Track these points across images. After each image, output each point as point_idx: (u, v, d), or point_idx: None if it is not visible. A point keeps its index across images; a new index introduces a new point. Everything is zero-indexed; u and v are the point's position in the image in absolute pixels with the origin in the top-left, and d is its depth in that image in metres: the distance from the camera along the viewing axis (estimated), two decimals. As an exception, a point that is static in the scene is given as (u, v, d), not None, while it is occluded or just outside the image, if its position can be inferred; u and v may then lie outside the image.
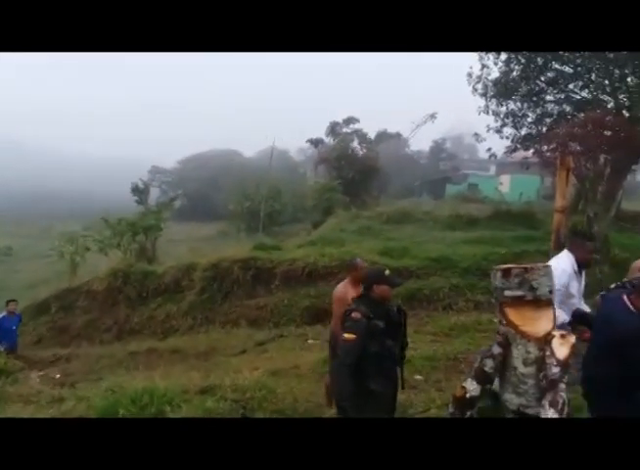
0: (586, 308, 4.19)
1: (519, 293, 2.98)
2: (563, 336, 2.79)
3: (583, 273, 4.27)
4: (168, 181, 61.63)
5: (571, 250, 4.16)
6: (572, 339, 2.80)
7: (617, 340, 2.98)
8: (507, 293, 3.01)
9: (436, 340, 8.00)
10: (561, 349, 2.70)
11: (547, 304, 2.98)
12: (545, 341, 2.81)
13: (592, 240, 4.37)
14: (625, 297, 3.15)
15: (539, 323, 2.85)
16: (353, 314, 3.54)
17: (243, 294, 12.24)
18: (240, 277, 12.35)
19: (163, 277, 14.09)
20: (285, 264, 12.20)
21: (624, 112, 17.41)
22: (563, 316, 3.82)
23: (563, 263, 4.03)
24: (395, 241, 14.56)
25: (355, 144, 36.18)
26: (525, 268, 3.01)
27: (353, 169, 28.34)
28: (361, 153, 33.35)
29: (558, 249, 6.03)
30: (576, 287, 4.10)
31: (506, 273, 3.02)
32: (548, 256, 6.34)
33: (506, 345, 3.00)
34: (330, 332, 5.20)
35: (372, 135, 43.14)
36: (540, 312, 2.91)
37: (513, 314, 2.95)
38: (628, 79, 17.95)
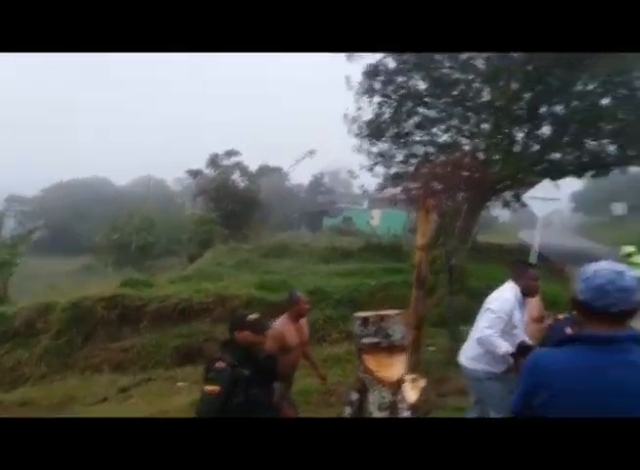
0: (528, 339, 4.16)
1: (375, 340, 3.05)
2: (414, 380, 2.88)
3: (529, 302, 4.27)
4: (27, 211, 56.04)
5: (514, 279, 4.13)
6: (422, 383, 2.90)
7: None
8: (364, 340, 3.07)
9: (310, 373, 7.98)
10: (411, 392, 2.78)
11: (401, 349, 3.08)
12: (398, 385, 2.87)
13: (534, 267, 4.30)
14: (570, 327, 3.21)
15: (393, 368, 2.93)
16: (217, 364, 3.33)
17: (106, 336, 11.25)
18: (104, 317, 11.37)
19: (14, 319, 12.51)
20: (155, 302, 11.50)
21: (480, 154, 19.47)
22: (505, 347, 3.80)
23: (506, 293, 4.05)
24: (273, 274, 14.52)
25: (236, 176, 36.04)
26: (382, 316, 3.10)
27: (233, 202, 28.12)
28: (242, 185, 33.28)
29: (419, 284, 6.32)
30: (519, 317, 4.06)
31: (364, 321, 3.08)
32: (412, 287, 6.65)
33: (364, 390, 3.03)
34: None
35: (253, 168, 43.44)
36: (394, 358, 3.00)
37: (370, 361, 3.00)
38: (483, 125, 20.19)
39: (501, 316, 3.89)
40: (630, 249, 11.46)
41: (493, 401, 3.88)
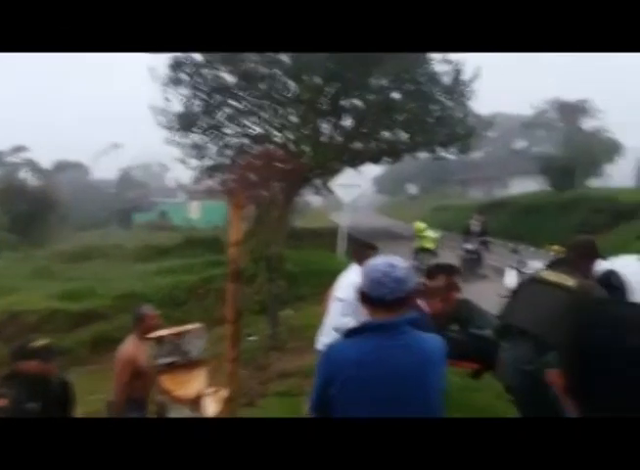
0: None
1: (169, 359, 2.87)
2: (215, 392, 2.78)
3: None
4: None
5: (358, 262, 4.20)
6: (224, 393, 2.81)
7: None
8: (159, 361, 2.86)
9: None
10: (211, 406, 2.68)
11: (199, 364, 2.95)
12: (197, 401, 2.74)
13: (375, 249, 4.31)
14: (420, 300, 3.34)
15: (191, 385, 2.79)
16: None
17: None
18: None
19: None
20: None
21: (291, 145, 20.15)
22: None
23: (352, 277, 4.06)
24: (78, 281, 13.09)
25: (26, 174, 31.62)
26: (177, 333, 2.93)
27: (23, 202, 24.59)
28: (33, 184, 29.30)
29: (235, 279, 6.17)
30: None
31: (159, 341, 2.87)
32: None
33: (162, 413, 2.83)
34: (108, 406, 4.10)
35: (48, 165, 38.64)
36: (193, 374, 2.86)
37: (166, 381, 2.81)
38: (292, 118, 20.89)
39: (351, 303, 3.91)
40: (422, 225, 12.96)
41: None
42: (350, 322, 3.89)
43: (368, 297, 1.83)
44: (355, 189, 12.32)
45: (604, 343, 0.92)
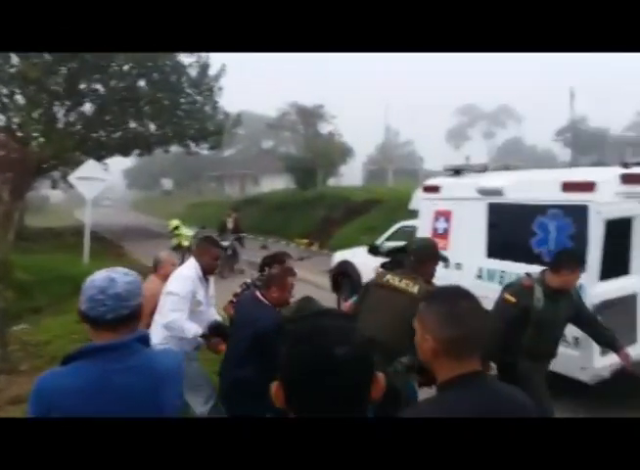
0: (217, 316, 4.09)
1: None
2: None
3: (211, 280, 4.10)
4: None
5: (196, 256, 3.94)
6: None
7: (260, 336, 3.02)
8: None
9: None
10: None
11: None
12: None
13: (220, 247, 4.16)
14: (259, 293, 3.30)
15: None
16: None
17: None
18: None
19: None
20: None
21: (17, 131, 17.18)
22: (195, 329, 3.64)
23: (186, 270, 3.85)
24: None
25: None
26: None
27: None
28: None
29: None
30: (203, 294, 3.89)
31: None
32: None
33: None
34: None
35: None
36: None
37: None
38: (17, 97, 17.76)
39: (184, 296, 3.68)
40: (176, 222, 12.53)
41: (193, 382, 3.61)
42: (182, 318, 3.63)
43: (86, 316, 1.61)
44: (99, 183, 11.13)
45: (309, 356, 0.95)
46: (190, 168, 50.73)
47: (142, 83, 19.42)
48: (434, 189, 5.77)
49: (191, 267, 3.87)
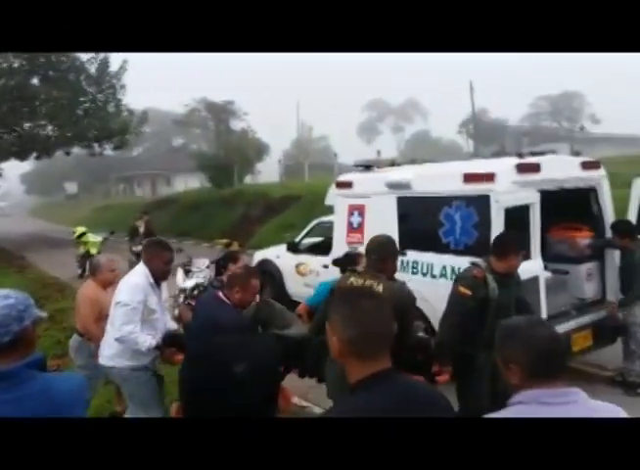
0: (172, 323, 3.89)
1: None
2: None
3: (163, 286, 3.86)
4: None
5: (145, 261, 3.64)
6: None
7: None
8: None
9: None
10: None
11: None
12: None
13: (169, 250, 3.80)
14: (220, 293, 3.26)
15: None
16: None
17: None
18: None
19: None
20: None
21: None
22: (149, 341, 3.41)
23: (136, 278, 3.55)
24: None
25: None
26: None
27: None
28: None
29: None
30: (156, 301, 3.63)
31: None
32: None
33: None
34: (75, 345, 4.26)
35: None
36: None
37: None
38: None
39: (135, 307, 3.43)
40: (81, 229, 11.78)
41: (145, 396, 3.47)
42: (135, 330, 3.38)
43: None
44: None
45: (206, 376, 0.93)
46: (95, 170, 47.97)
47: (35, 81, 18.01)
48: (347, 185, 5.86)
49: (140, 274, 3.60)
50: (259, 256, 8.34)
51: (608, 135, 35.32)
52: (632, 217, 4.81)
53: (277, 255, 7.87)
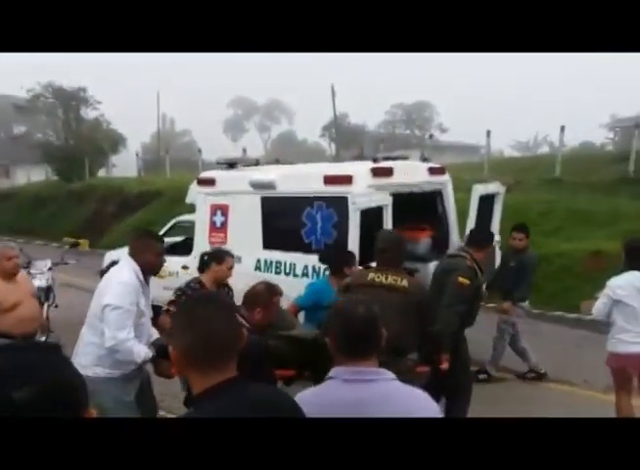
0: (154, 330, 3.38)
1: None
2: None
3: (150, 284, 3.30)
4: None
5: (134, 254, 3.16)
6: None
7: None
8: None
9: None
10: None
11: None
12: None
13: (161, 240, 3.45)
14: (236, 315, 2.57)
15: None
16: None
17: None
18: None
19: None
20: None
21: None
22: (145, 352, 3.00)
23: (125, 274, 3.05)
24: None
25: None
26: None
27: None
28: None
29: None
30: (144, 302, 3.15)
31: None
32: None
33: None
34: None
35: None
36: None
37: None
38: None
39: (128, 309, 2.96)
40: None
41: (115, 405, 2.92)
42: (129, 336, 2.91)
43: None
44: None
45: None
46: None
47: None
48: (210, 182, 5.71)
49: (129, 270, 3.09)
50: (111, 256, 7.73)
51: (453, 143, 39.20)
52: (471, 219, 5.35)
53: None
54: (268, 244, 5.09)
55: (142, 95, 45.33)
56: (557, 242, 8.13)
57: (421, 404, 1.56)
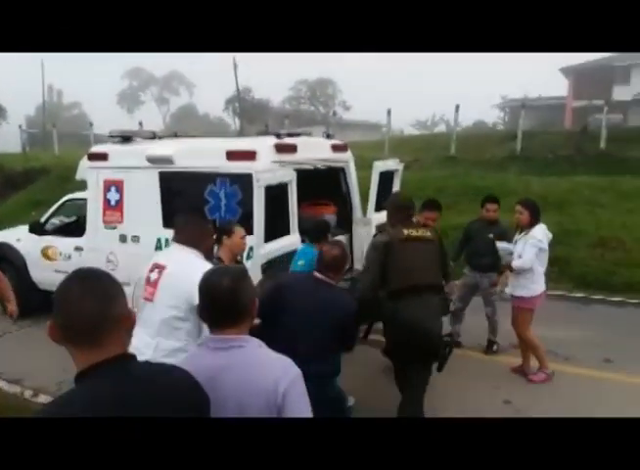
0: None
1: None
2: None
3: None
4: None
5: (194, 242, 2.78)
6: None
7: (346, 322, 3.10)
8: None
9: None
10: None
11: None
12: None
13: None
14: (319, 275, 3.18)
15: None
16: None
17: None
18: None
19: None
20: None
21: None
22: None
23: (204, 266, 2.44)
24: None
25: None
26: None
27: None
28: None
29: None
30: None
31: None
32: None
33: None
34: None
35: None
36: None
37: None
38: None
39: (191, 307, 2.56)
40: None
41: None
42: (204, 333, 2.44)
43: None
44: None
45: None
46: None
47: None
48: (102, 156, 5.31)
49: (200, 258, 2.79)
50: (-2, 237, 7.01)
51: (355, 121, 39.93)
52: (372, 195, 5.48)
53: (17, 237, 6.72)
54: (169, 222, 4.86)
55: (25, 64, 41.03)
56: (452, 215, 8.62)
57: (277, 372, 1.60)
